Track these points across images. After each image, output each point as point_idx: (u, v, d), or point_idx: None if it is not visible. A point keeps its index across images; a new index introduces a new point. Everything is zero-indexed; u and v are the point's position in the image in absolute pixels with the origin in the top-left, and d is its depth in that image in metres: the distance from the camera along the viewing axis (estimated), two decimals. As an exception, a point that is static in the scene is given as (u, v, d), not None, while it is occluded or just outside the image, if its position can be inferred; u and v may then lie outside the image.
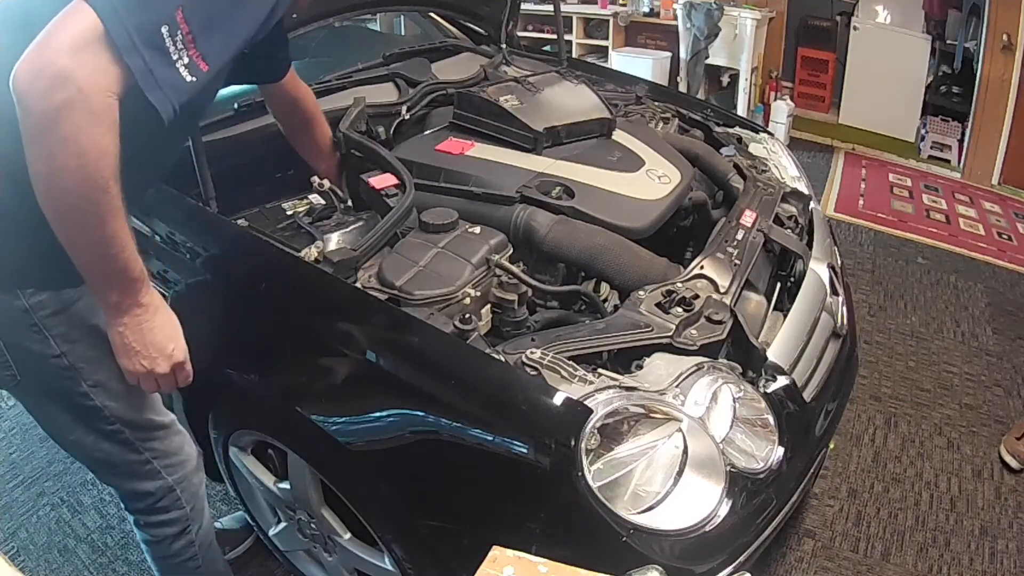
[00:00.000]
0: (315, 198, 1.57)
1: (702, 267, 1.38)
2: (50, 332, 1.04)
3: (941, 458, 2.07)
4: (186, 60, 0.85)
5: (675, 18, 4.52)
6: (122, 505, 1.29)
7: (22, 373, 1.07)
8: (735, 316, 1.28)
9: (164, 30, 0.82)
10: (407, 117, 1.84)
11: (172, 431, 1.25)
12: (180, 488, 1.25)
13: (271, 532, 1.60)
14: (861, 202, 3.83)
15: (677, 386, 1.15)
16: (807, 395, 1.37)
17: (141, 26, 0.81)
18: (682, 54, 4.51)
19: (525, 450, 1.04)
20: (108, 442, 1.16)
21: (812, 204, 1.82)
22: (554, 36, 3.23)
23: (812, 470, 1.44)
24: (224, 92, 1.63)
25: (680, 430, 1.11)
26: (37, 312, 1.03)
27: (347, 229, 1.43)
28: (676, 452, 1.10)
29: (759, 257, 1.50)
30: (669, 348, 1.21)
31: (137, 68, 0.81)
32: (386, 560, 1.32)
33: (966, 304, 2.89)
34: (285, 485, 1.43)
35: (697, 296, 1.30)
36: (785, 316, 1.45)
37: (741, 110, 4.47)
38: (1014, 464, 2.02)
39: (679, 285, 1.32)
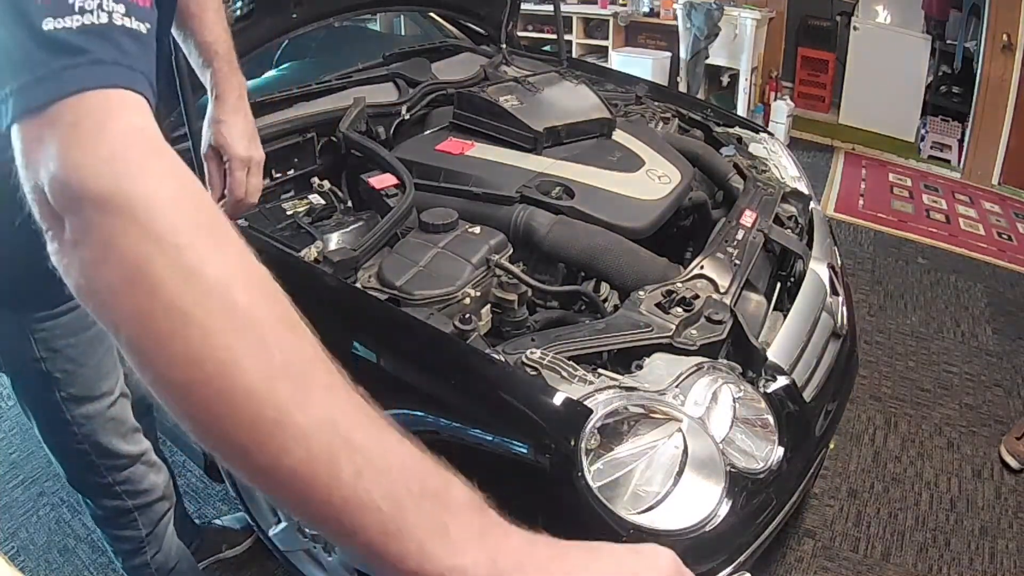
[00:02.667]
0: (315, 198, 1.57)
1: (702, 267, 1.38)
2: (34, 335, 1.03)
3: (941, 458, 2.07)
4: (121, 8, 0.45)
5: (675, 18, 4.52)
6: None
7: (6, 365, 1.07)
8: (735, 316, 1.28)
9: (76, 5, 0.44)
10: (407, 117, 1.84)
11: (141, 461, 1.23)
12: (139, 512, 1.25)
13: (271, 532, 1.60)
14: (861, 202, 3.83)
15: (677, 386, 1.15)
16: (807, 395, 1.37)
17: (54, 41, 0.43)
18: (682, 54, 4.51)
19: (525, 450, 1.04)
20: (74, 457, 1.16)
21: (812, 204, 1.82)
22: (554, 36, 3.23)
23: (812, 470, 1.44)
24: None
25: (680, 430, 1.11)
26: (22, 313, 1.02)
27: (347, 229, 1.43)
28: (676, 452, 1.10)
29: (759, 257, 1.50)
30: (669, 348, 1.21)
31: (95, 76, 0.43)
32: (386, 560, 1.31)
33: (966, 304, 2.89)
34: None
35: (697, 296, 1.30)
36: (785, 316, 1.45)
37: (741, 110, 4.46)
38: (1014, 464, 2.02)
39: (679, 285, 1.32)
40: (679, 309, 1.26)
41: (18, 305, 1.00)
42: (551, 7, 4.57)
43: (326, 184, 1.59)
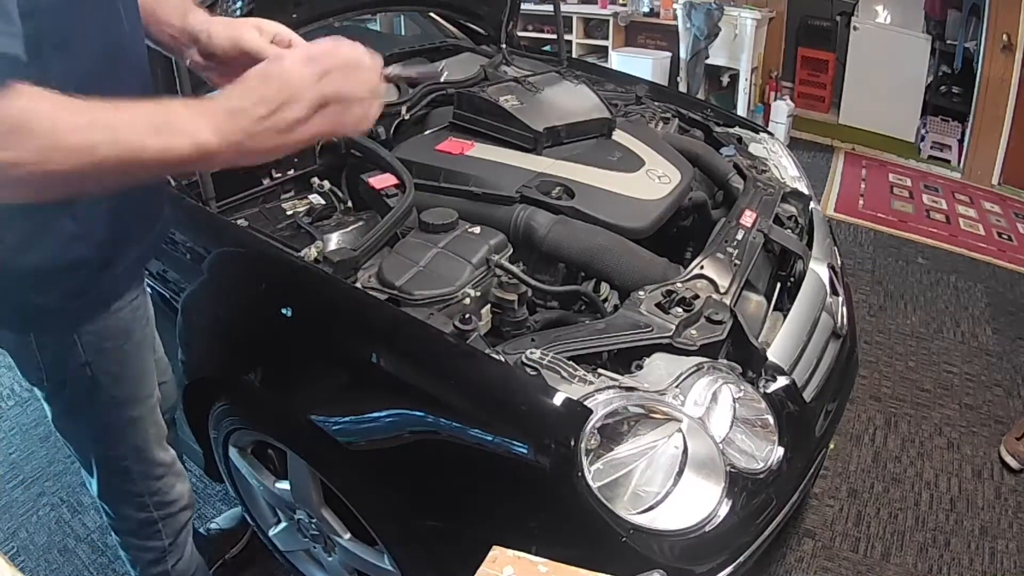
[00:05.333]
0: (315, 198, 1.57)
1: (702, 267, 1.38)
2: (81, 340, 1.01)
3: (941, 458, 2.07)
4: None
5: (675, 18, 4.52)
6: (105, 521, 1.30)
7: (49, 377, 1.04)
8: (735, 316, 1.28)
9: None
10: (407, 117, 1.84)
11: (172, 471, 1.24)
12: (163, 523, 1.26)
13: (271, 532, 1.60)
14: (861, 202, 3.83)
15: (677, 386, 1.15)
16: (807, 395, 1.37)
17: None
18: (682, 54, 4.51)
19: (525, 450, 1.04)
20: (111, 466, 1.16)
21: (812, 204, 1.82)
22: (554, 36, 3.23)
23: (812, 470, 1.44)
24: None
25: (680, 430, 1.11)
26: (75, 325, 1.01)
27: (347, 229, 1.43)
28: (676, 452, 1.10)
29: (759, 257, 1.50)
30: (669, 348, 1.21)
31: None
32: (386, 560, 1.32)
33: (966, 304, 2.89)
34: (285, 485, 1.42)
35: (697, 296, 1.30)
36: (785, 316, 1.45)
37: (741, 110, 4.47)
38: (1014, 464, 2.02)
39: (679, 285, 1.32)
40: (679, 309, 1.26)
41: (69, 323, 0.99)
42: (551, 7, 4.57)
43: (326, 184, 1.59)
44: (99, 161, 0.64)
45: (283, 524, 1.56)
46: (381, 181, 1.53)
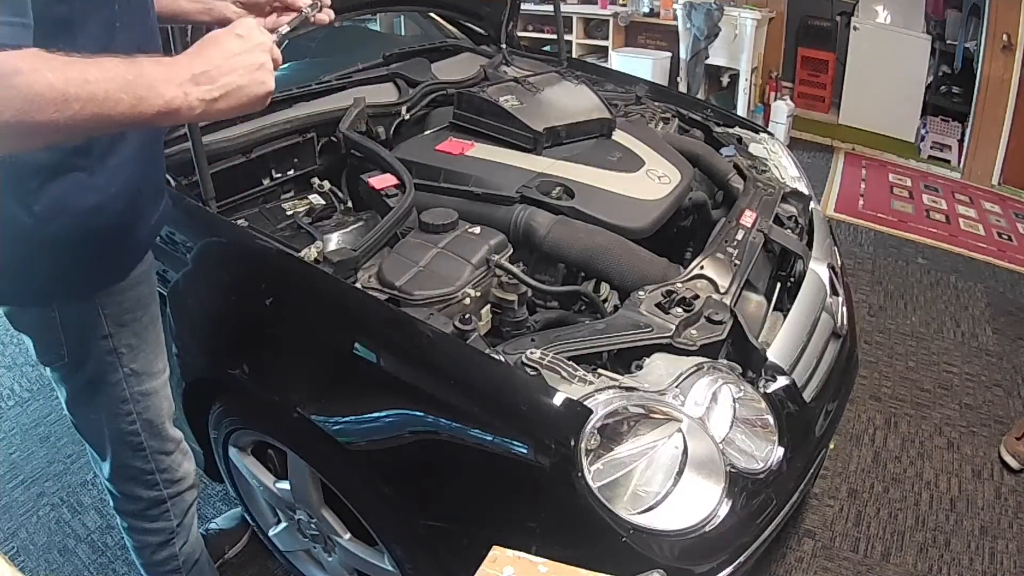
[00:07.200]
0: (315, 198, 1.57)
1: (702, 267, 1.38)
2: (104, 311, 1.05)
3: (941, 458, 2.07)
4: None
5: (675, 18, 4.53)
6: (112, 505, 1.30)
7: (70, 353, 1.07)
8: (735, 316, 1.28)
9: None
10: (407, 117, 1.84)
11: (180, 448, 1.28)
12: (171, 502, 1.28)
13: (271, 532, 1.60)
14: (861, 202, 3.83)
15: (677, 386, 1.15)
16: (807, 395, 1.37)
17: None
18: (682, 54, 4.52)
19: (525, 450, 1.04)
20: (125, 440, 1.18)
21: (812, 204, 1.82)
22: (554, 36, 3.23)
23: (812, 470, 1.44)
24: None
25: (680, 430, 1.11)
26: (95, 295, 1.05)
27: (347, 229, 1.43)
28: (676, 452, 1.10)
29: (759, 257, 1.50)
30: (669, 348, 1.21)
31: None
32: (386, 560, 1.32)
33: (966, 304, 2.89)
34: (285, 485, 1.43)
35: (697, 296, 1.30)
36: (785, 316, 1.45)
37: (741, 110, 4.46)
38: (1014, 464, 2.02)
39: (679, 285, 1.32)
40: (679, 309, 1.26)
41: (92, 289, 1.04)
42: (551, 7, 4.57)
43: (326, 184, 1.59)
44: (73, 114, 0.68)
45: (283, 524, 1.56)
46: (381, 181, 1.53)
